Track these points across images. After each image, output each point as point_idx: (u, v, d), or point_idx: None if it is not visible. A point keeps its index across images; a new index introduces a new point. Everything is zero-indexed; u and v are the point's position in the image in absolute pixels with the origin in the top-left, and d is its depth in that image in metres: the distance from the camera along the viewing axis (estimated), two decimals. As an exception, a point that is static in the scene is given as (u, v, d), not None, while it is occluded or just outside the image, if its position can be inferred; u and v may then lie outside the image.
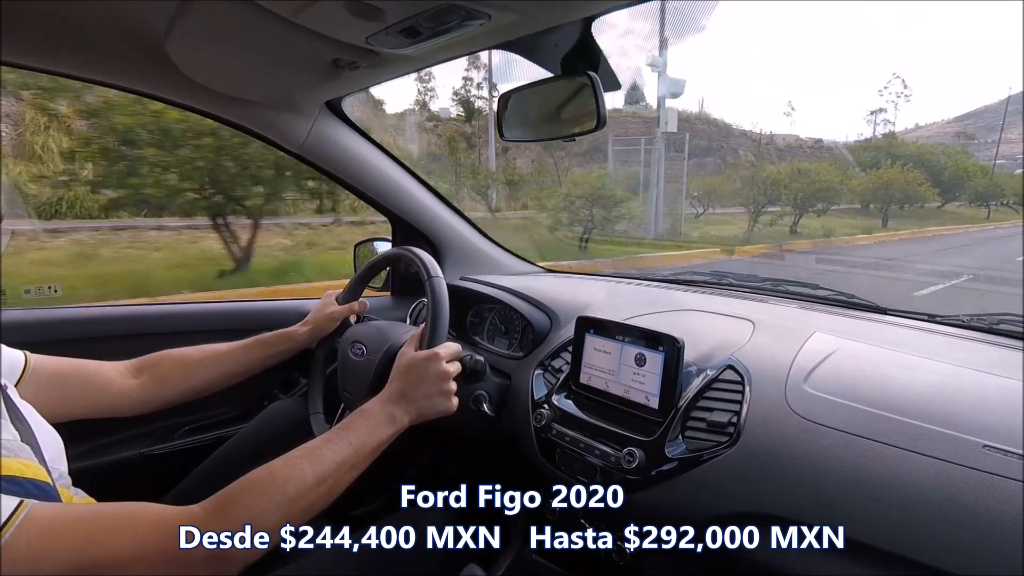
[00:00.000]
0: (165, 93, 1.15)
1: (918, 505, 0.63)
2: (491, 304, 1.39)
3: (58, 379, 0.87)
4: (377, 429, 0.80)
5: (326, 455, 0.72)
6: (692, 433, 0.85)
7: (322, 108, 1.27)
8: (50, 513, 0.54)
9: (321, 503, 0.70)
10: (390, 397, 0.86)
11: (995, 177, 20.00)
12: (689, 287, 1.39)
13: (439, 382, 0.88)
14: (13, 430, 0.63)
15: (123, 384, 0.95)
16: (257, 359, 1.08)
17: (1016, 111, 35.17)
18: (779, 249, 9.95)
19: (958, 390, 0.76)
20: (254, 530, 0.61)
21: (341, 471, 0.73)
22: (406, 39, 0.82)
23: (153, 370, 0.99)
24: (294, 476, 0.67)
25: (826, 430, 0.74)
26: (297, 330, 1.13)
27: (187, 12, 0.81)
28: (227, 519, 0.61)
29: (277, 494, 0.65)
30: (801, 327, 0.98)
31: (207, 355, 1.04)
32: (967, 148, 26.42)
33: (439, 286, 0.98)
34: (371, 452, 0.78)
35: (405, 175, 1.45)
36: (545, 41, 0.85)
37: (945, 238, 13.00)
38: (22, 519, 0.50)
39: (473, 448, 1.34)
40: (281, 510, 0.64)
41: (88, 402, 0.91)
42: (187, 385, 1.01)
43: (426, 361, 0.89)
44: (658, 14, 11.02)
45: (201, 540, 0.58)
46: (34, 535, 0.51)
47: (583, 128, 0.91)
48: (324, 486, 0.70)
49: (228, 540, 0.59)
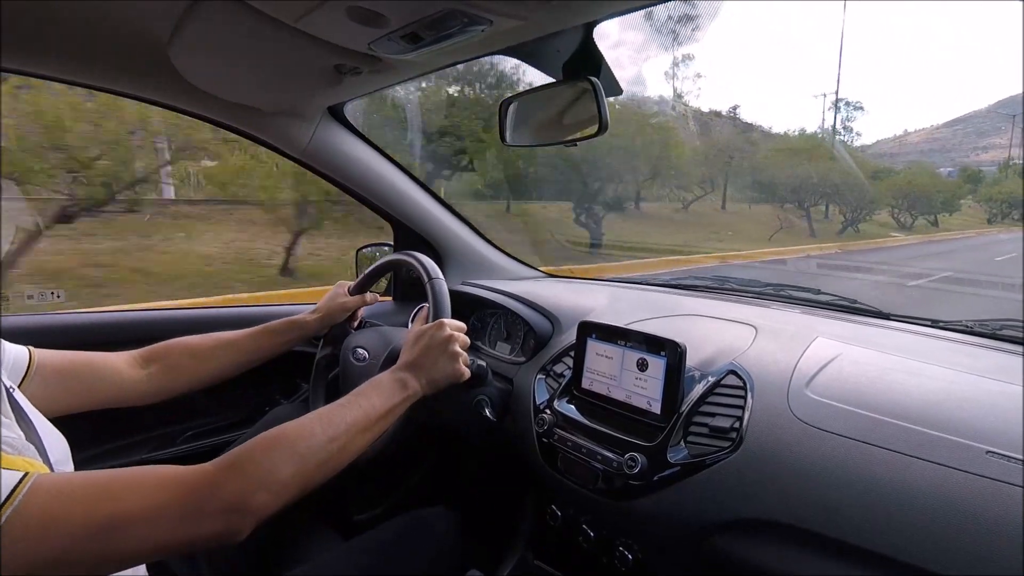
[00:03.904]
0: (167, 99, 1.15)
1: (920, 511, 0.63)
2: (493, 309, 1.40)
3: (65, 372, 0.86)
4: (389, 394, 0.81)
5: (337, 416, 0.73)
6: (694, 438, 0.85)
7: (324, 113, 1.27)
8: (58, 480, 0.55)
9: (334, 462, 0.70)
10: (400, 366, 0.87)
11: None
12: (691, 292, 1.39)
13: (445, 345, 0.89)
14: (18, 429, 0.63)
15: (132, 374, 0.94)
16: (266, 346, 1.07)
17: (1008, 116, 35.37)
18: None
19: (961, 396, 0.76)
20: (267, 483, 0.62)
21: (352, 432, 0.73)
22: (408, 45, 0.82)
23: (162, 360, 0.98)
24: (304, 434, 0.68)
25: (828, 435, 0.74)
26: (306, 317, 1.12)
27: (189, 18, 0.82)
28: (240, 473, 0.61)
29: (289, 449, 0.65)
30: (803, 332, 0.98)
31: (216, 343, 1.03)
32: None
33: (440, 287, 0.98)
34: (382, 416, 0.78)
35: (407, 180, 1.46)
36: (547, 47, 0.85)
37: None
38: (29, 487, 0.51)
39: (475, 453, 1.34)
40: (293, 464, 0.65)
41: (97, 394, 0.90)
42: (196, 374, 1.00)
43: (431, 329, 0.90)
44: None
45: (215, 492, 0.58)
46: (43, 499, 0.51)
47: (585, 133, 0.91)
48: (336, 444, 0.70)
49: (242, 491, 0.60)
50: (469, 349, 0.93)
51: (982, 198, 19.84)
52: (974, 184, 20.53)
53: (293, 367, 1.18)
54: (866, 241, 12.67)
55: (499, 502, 1.32)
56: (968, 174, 22.78)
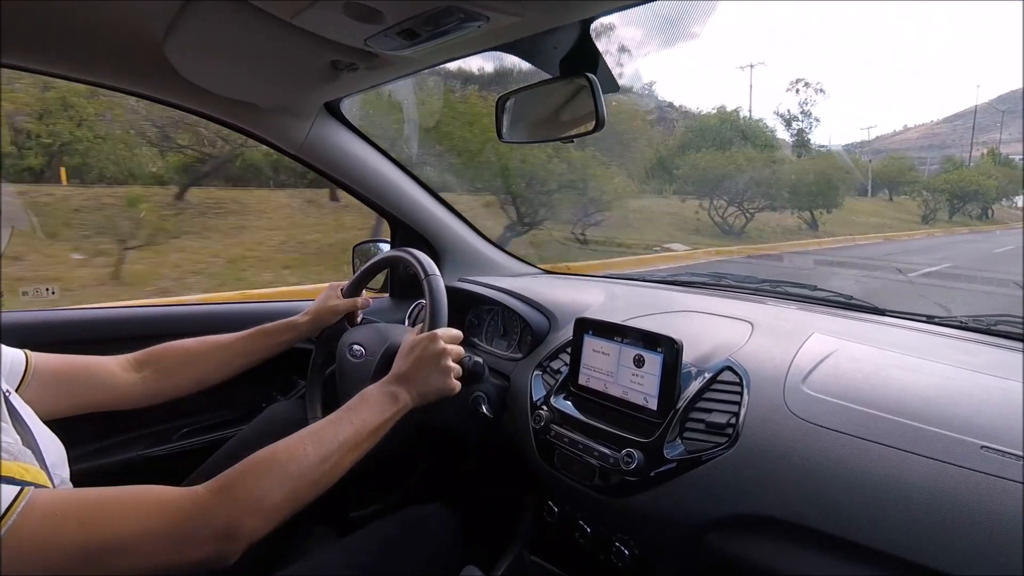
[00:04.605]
0: (164, 95, 1.15)
1: (916, 506, 0.63)
2: (490, 306, 1.40)
3: (61, 376, 0.87)
4: (379, 409, 0.81)
5: (328, 434, 0.73)
6: (691, 434, 0.85)
7: (320, 110, 1.27)
8: (53, 498, 0.55)
9: (325, 481, 0.70)
10: (390, 379, 0.86)
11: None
12: (688, 288, 1.39)
13: (438, 359, 0.88)
14: (15, 434, 0.63)
15: (126, 378, 0.95)
16: (259, 348, 1.08)
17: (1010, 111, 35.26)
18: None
19: (956, 391, 0.76)
20: (258, 509, 0.62)
21: (344, 450, 0.73)
22: (405, 41, 0.82)
23: (156, 363, 0.98)
24: (296, 455, 0.68)
25: (824, 431, 0.74)
26: (299, 320, 1.13)
27: (185, 15, 0.82)
28: (231, 498, 0.61)
29: (280, 472, 0.65)
30: (799, 328, 0.98)
31: (209, 346, 1.04)
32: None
33: (436, 283, 0.98)
34: (373, 432, 0.78)
35: (404, 177, 1.45)
36: (543, 43, 0.85)
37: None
38: (24, 505, 0.51)
39: (472, 450, 1.35)
40: (284, 488, 0.65)
41: (92, 397, 0.91)
42: (190, 377, 1.01)
43: (424, 341, 0.89)
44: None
45: (206, 519, 0.59)
46: (37, 520, 0.51)
47: (582, 130, 0.91)
48: (327, 464, 0.70)
49: (233, 518, 0.60)
50: (465, 346, 0.93)
51: (924, 188, 16.77)
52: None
53: (290, 364, 1.18)
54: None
55: (496, 499, 1.32)
56: (953, 164, 20.76)
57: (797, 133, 16.37)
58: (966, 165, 20.96)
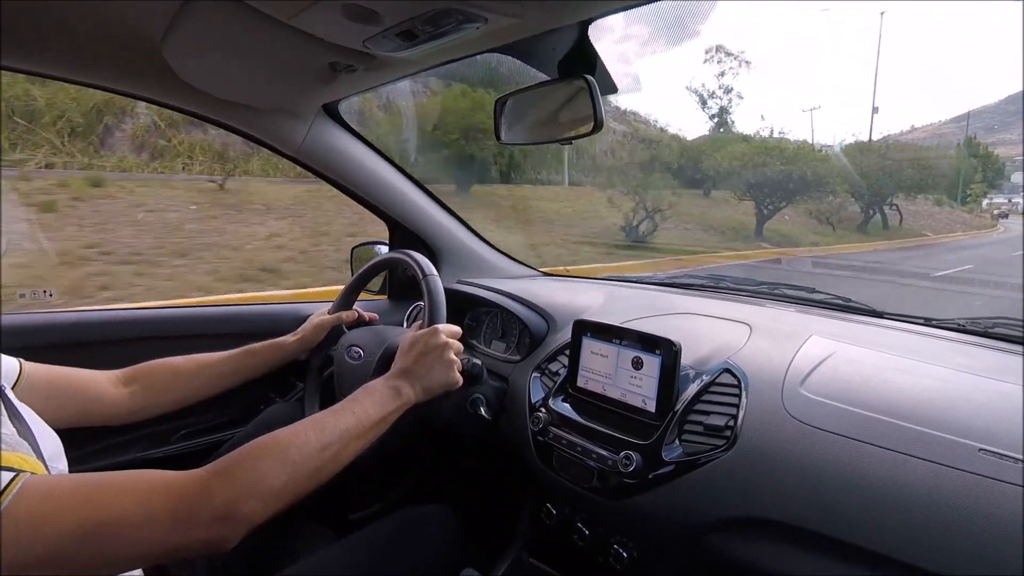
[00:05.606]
0: (162, 97, 1.15)
1: (914, 508, 0.63)
2: (488, 307, 1.39)
3: (51, 388, 0.87)
4: (382, 401, 0.81)
5: (330, 423, 0.73)
6: (689, 437, 0.85)
7: (319, 111, 1.27)
8: (51, 480, 0.55)
9: (326, 469, 0.70)
10: (393, 373, 0.87)
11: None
12: (686, 291, 1.39)
13: (440, 353, 0.89)
14: (11, 426, 0.63)
15: (114, 394, 0.96)
16: (246, 368, 1.10)
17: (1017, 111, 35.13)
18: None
19: (954, 394, 0.76)
20: (257, 492, 0.62)
21: (345, 439, 0.73)
22: (403, 42, 0.82)
23: (144, 380, 0.99)
24: (297, 441, 0.68)
25: (823, 434, 0.74)
26: (286, 340, 1.15)
27: (183, 17, 0.82)
28: (231, 479, 0.61)
29: (280, 457, 0.66)
30: (798, 331, 0.98)
31: (198, 365, 1.05)
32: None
33: (435, 283, 0.98)
34: (375, 424, 0.79)
35: (402, 179, 1.45)
36: (542, 45, 0.85)
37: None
38: (20, 487, 0.51)
39: (471, 452, 1.34)
40: (285, 473, 0.65)
41: (80, 412, 0.91)
42: (177, 394, 1.03)
43: (425, 336, 0.90)
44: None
45: (206, 499, 0.58)
46: (36, 499, 0.51)
47: (580, 131, 0.91)
48: (328, 452, 0.70)
49: (232, 500, 0.60)
50: (464, 347, 0.93)
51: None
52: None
53: (288, 366, 1.18)
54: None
55: (495, 501, 1.32)
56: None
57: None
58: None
